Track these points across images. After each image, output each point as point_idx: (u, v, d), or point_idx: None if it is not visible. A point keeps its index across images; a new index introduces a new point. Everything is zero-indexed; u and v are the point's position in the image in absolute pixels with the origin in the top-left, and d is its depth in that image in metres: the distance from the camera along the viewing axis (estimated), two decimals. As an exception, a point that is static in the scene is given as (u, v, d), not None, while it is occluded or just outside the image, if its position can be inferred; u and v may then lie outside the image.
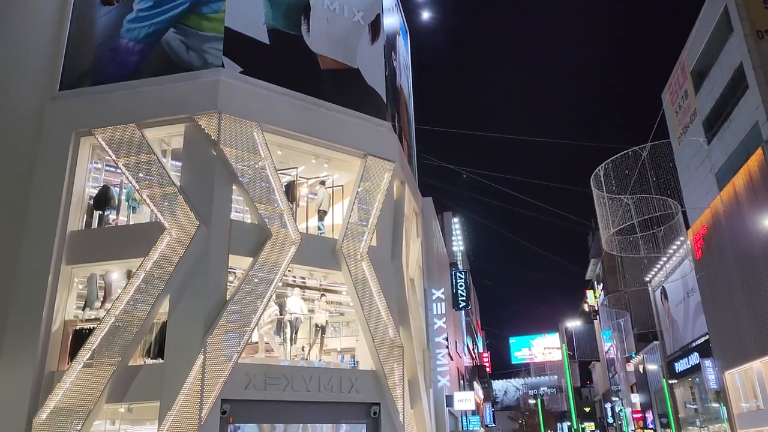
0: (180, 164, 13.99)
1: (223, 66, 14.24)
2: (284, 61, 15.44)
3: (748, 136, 20.45)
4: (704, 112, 24.32)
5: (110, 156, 13.52)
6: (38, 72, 14.71)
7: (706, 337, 27.49)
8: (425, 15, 23.08)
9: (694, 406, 33.86)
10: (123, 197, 14.33)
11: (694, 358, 30.06)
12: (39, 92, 14.48)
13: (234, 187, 13.59)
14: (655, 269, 34.22)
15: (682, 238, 26.81)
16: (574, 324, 59.34)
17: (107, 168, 14.92)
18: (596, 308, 61.37)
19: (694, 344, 30.69)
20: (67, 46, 14.83)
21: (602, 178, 14.63)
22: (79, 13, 15.15)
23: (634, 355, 46.58)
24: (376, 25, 17.94)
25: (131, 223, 14.09)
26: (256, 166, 13.85)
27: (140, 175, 13.35)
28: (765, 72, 19.09)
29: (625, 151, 14.24)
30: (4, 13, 15.67)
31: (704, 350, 28.00)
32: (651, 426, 43.31)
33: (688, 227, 26.47)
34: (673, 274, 32.15)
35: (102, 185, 14.32)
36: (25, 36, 15.28)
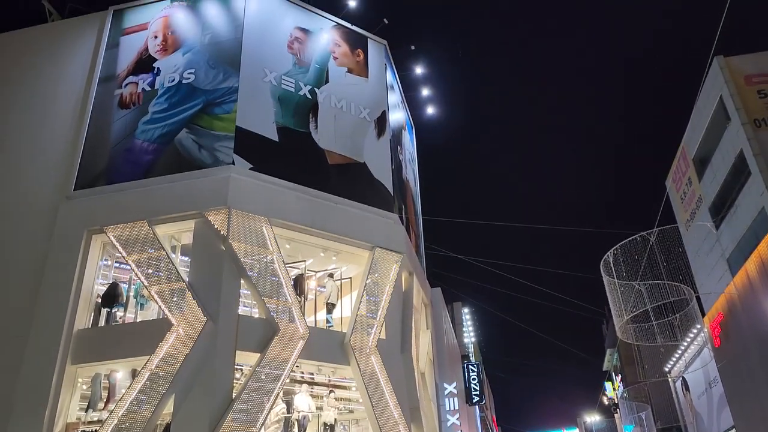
0: (189, 260, 14.07)
1: (233, 163, 14.63)
2: (293, 157, 15.88)
3: (755, 221, 20.45)
4: (709, 199, 24.46)
5: (120, 253, 13.64)
6: (55, 172, 15.17)
7: (733, 430, 26.23)
8: (430, 110, 23.89)
9: (728, 507, 31.74)
10: (131, 293, 14.32)
11: (723, 454, 28.50)
12: (54, 191, 14.86)
13: (242, 282, 13.58)
14: (674, 359, 33.23)
15: (698, 326, 26.20)
16: (593, 418, 56.91)
17: (116, 265, 15.01)
18: (615, 401, 59.09)
19: (721, 438, 29.21)
20: (84, 147, 15.36)
21: (612, 264, 14.51)
22: (97, 116, 15.80)
23: (659, 451, 44.25)
24: (382, 121, 18.55)
25: (138, 320, 13.99)
26: (265, 260, 13.90)
27: (149, 271, 13.40)
28: (766, 158, 19.36)
29: (632, 237, 14.22)
30: (26, 114, 16.40)
31: (733, 444, 26.62)
32: None
33: (703, 314, 25.94)
34: (692, 364, 31.16)
35: (111, 282, 14.36)
36: (44, 136, 15.90)
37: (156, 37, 16.77)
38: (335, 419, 14.78)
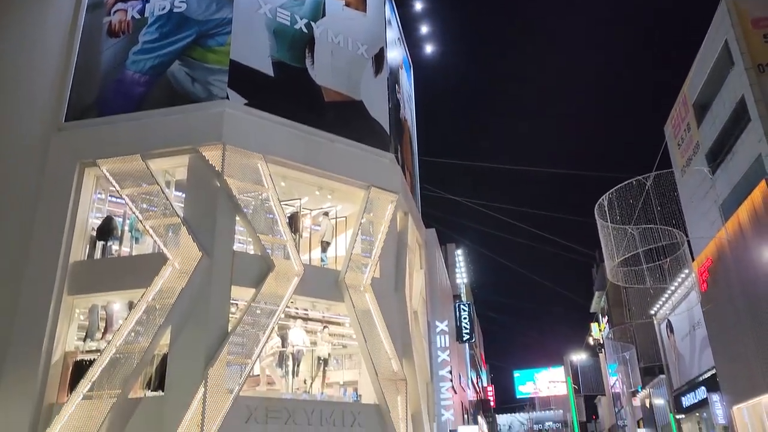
0: (183, 195, 14.02)
1: (227, 98, 14.37)
2: (288, 93, 15.59)
3: (751, 168, 20.49)
4: (707, 145, 24.41)
5: (114, 187, 13.55)
6: (44, 103, 14.86)
7: (713, 371, 27.09)
8: (429, 48, 23.38)
9: (703, 442, 33.17)
10: (126, 228, 14.33)
11: (701, 393, 29.56)
12: (44, 123, 14.60)
13: (237, 218, 13.59)
14: (661, 302, 33.93)
15: (687, 271, 26.61)
16: (579, 357, 58.58)
17: (110, 199, 14.96)
18: (601, 341, 60.68)
19: (700, 378, 30.23)
20: (74, 77, 14.99)
21: (606, 209, 14.57)
22: (85, 45, 15.35)
23: (640, 390, 45.86)
24: (379, 58, 18.15)
25: (134, 253, 14.06)
26: (260, 197, 13.87)
27: (144, 205, 13.37)
28: (767, 105, 19.21)
29: (628, 181, 14.21)
30: (12, 45, 15.93)
31: (711, 384, 27.57)
32: (659, 462, 42.45)
33: (693, 259, 26.33)
34: (678, 307, 31.86)
35: (105, 216, 14.35)
36: (32, 66, 15.50)
37: (146, -38, 16.10)
38: (329, 354, 15.13)
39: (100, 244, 13.93)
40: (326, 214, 16.23)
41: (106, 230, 13.91)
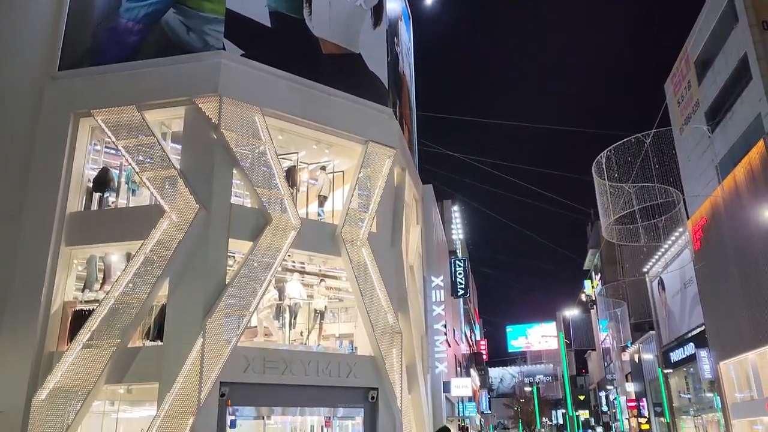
0: (180, 147, 13.92)
1: (224, 48, 14.12)
2: (286, 44, 15.32)
3: (750, 127, 20.40)
4: (707, 103, 24.23)
5: (110, 138, 13.44)
6: (37, 51, 14.58)
7: (702, 327, 27.58)
8: (428, 0, 22.85)
9: (688, 396, 34.04)
10: (123, 180, 14.27)
11: (690, 349, 30.18)
12: (38, 72, 14.36)
13: (234, 172, 13.54)
14: (654, 260, 34.27)
15: (681, 229, 26.78)
16: (571, 313, 59.46)
17: (106, 150, 14.84)
18: (593, 298, 61.50)
19: (689, 335, 30.80)
20: (66, 25, 14.68)
21: (604, 166, 14.54)
22: (78, -8, 14.96)
23: (629, 345, 46.78)
24: (378, 10, 17.78)
25: (131, 205, 14.04)
26: (257, 150, 13.79)
27: (140, 157, 13.29)
28: (769, 63, 18.99)
29: (627, 138, 14.13)
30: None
31: (700, 341, 28.12)
32: (645, 414, 43.64)
33: (688, 218, 26.47)
34: (671, 265, 32.20)
35: (101, 167, 14.26)
36: (24, 15, 15.14)
37: None
38: (325, 306, 15.32)
39: (96, 195, 13.91)
40: (323, 168, 16.18)
41: (103, 182, 13.85)
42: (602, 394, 66.92)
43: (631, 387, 46.67)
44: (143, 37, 14.49)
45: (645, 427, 43.75)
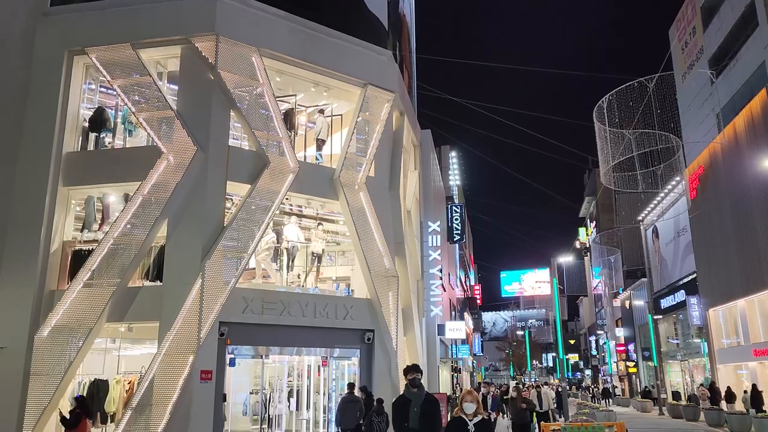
0: (176, 88, 13.71)
1: (220, -15, 13.70)
2: (284, -18, 14.87)
3: (753, 75, 20.16)
4: (711, 50, 23.85)
5: (105, 76, 13.20)
6: (28, -14, 14.14)
7: (694, 275, 28.00)
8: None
9: (676, 341, 34.87)
10: (119, 120, 14.11)
11: (680, 296, 30.73)
12: (30, 8, 13.98)
13: (232, 113, 13.39)
14: (650, 208, 34.44)
15: (678, 178, 26.83)
16: (565, 260, 60.29)
17: (102, 89, 14.61)
18: (588, 245, 62.09)
19: (681, 282, 31.30)
20: (57, -42, 14.19)
21: (605, 111, 14.35)
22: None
23: (621, 291, 47.56)
24: (379, -53, 17.21)
25: (127, 146, 13.94)
26: (255, 92, 13.59)
27: (136, 97, 13.09)
28: (777, 9, 18.60)
29: (630, 82, 13.85)
30: None
31: (690, 288, 28.61)
32: (633, 358, 44.84)
33: (686, 167, 26.49)
34: (666, 213, 32.40)
35: (97, 107, 14.07)
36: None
37: None
38: (323, 249, 15.46)
39: (92, 135, 13.77)
40: (322, 111, 16.00)
41: (99, 121, 13.69)
42: (592, 338, 68.55)
43: (620, 332, 47.78)
44: (136, -28, 14.01)
45: (632, 370, 45.06)
